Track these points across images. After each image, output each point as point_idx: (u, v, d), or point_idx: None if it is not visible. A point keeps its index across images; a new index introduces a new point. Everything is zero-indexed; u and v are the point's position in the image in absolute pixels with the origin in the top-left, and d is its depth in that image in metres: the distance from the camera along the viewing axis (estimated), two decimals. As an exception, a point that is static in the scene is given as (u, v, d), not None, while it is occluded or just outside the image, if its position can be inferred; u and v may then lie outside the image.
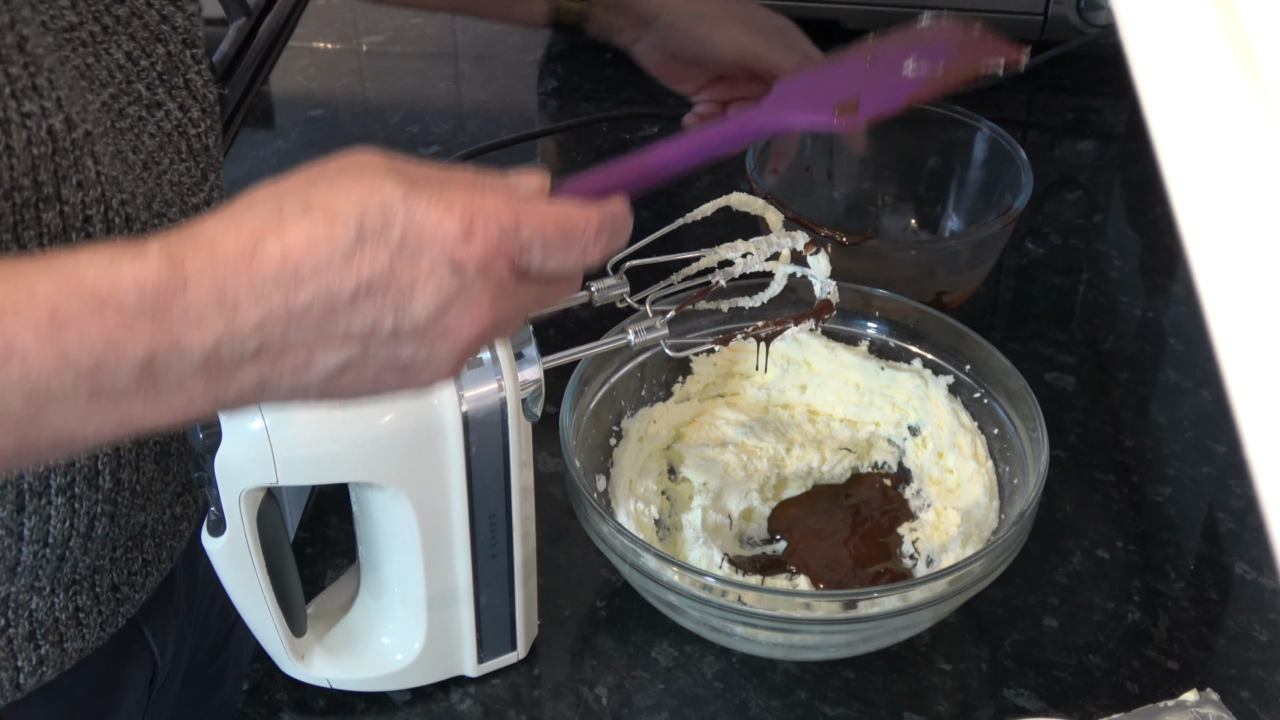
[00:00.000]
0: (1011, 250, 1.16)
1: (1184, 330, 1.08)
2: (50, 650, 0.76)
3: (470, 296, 0.54)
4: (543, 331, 0.81)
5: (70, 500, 0.71)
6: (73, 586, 0.76)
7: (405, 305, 0.53)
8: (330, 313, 0.52)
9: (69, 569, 0.75)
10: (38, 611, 0.75)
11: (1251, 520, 0.91)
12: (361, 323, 0.52)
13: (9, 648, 0.74)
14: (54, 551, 0.72)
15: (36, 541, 0.71)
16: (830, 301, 0.81)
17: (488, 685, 0.80)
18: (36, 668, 0.76)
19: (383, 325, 0.53)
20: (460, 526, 0.72)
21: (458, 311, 0.54)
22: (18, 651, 0.75)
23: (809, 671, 0.81)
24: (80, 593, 0.77)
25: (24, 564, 0.72)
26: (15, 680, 0.75)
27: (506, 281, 0.55)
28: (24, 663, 0.75)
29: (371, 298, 0.52)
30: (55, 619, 0.76)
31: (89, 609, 0.78)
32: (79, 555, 0.74)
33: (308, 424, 0.67)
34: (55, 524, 0.71)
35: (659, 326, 0.76)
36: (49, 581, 0.74)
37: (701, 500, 0.87)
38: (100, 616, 0.79)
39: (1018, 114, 1.37)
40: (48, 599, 0.75)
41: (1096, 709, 0.79)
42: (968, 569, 0.74)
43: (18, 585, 0.73)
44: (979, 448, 0.88)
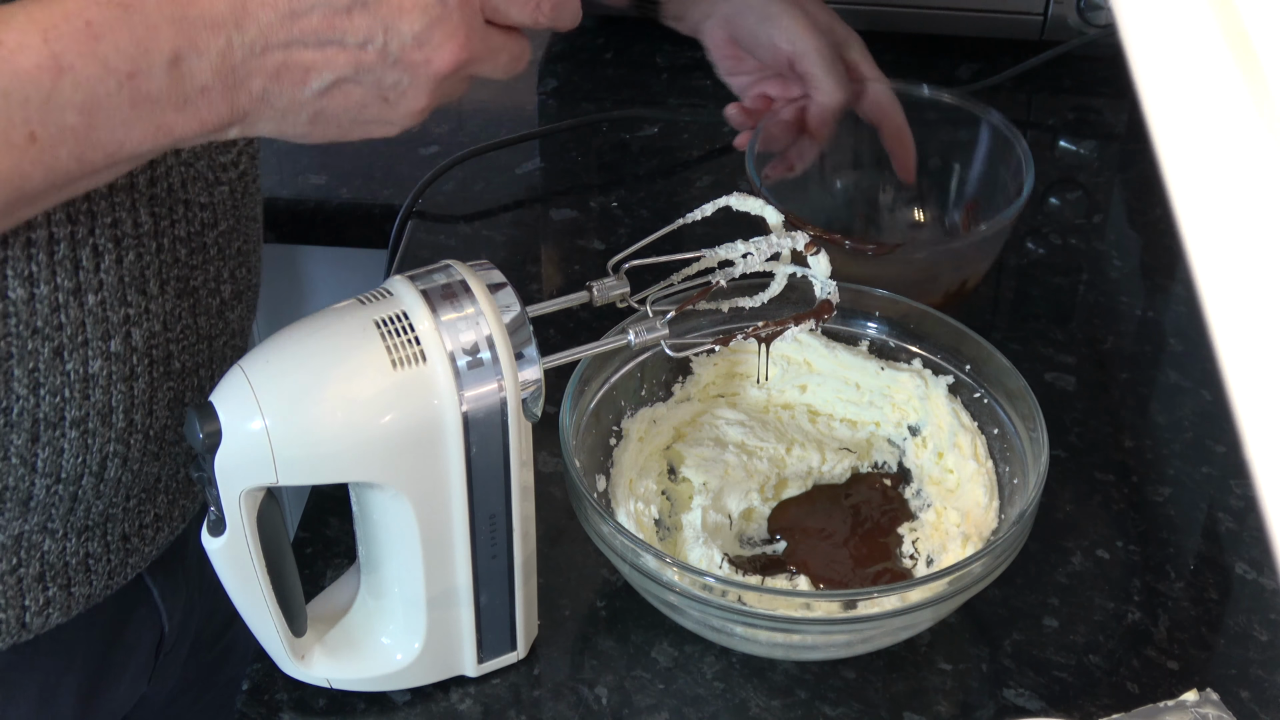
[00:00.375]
0: (1011, 250, 1.16)
1: (1184, 330, 1.08)
2: (58, 593, 0.77)
3: (450, 26, 0.60)
4: (543, 331, 0.81)
5: (84, 435, 0.72)
6: (85, 532, 0.77)
7: (395, 24, 0.59)
8: (328, 20, 0.58)
9: (82, 511, 0.76)
10: (49, 554, 0.76)
11: (1251, 520, 0.91)
12: (355, 36, 0.59)
13: (18, 587, 0.75)
14: (67, 489, 0.73)
15: (49, 475, 0.72)
16: (830, 301, 0.81)
17: (488, 685, 0.80)
18: (43, 609, 0.77)
19: (374, 40, 0.59)
20: (460, 526, 0.72)
21: (439, 39, 0.60)
22: (26, 591, 0.76)
23: (809, 671, 0.81)
24: (92, 539, 0.78)
25: (37, 499, 0.73)
26: (21, 619, 0.76)
27: (476, 21, 0.61)
28: (31, 603, 0.76)
29: (366, 11, 0.58)
30: (65, 563, 0.77)
31: (99, 556, 0.79)
32: (92, 498, 0.75)
33: (308, 424, 0.67)
34: (68, 458, 0.72)
35: (659, 326, 0.76)
36: (62, 524, 0.75)
37: (701, 500, 0.87)
38: (109, 565, 0.80)
39: (1018, 114, 1.37)
40: (59, 542, 0.76)
41: (1096, 709, 0.79)
42: (968, 569, 0.74)
43: (30, 524, 0.74)
44: (979, 448, 0.88)
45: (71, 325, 0.70)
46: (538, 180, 1.25)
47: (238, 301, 0.82)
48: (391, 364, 0.67)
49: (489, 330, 0.69)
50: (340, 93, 0.60)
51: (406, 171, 1.24)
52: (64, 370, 0.70)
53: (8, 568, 0.75)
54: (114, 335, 0.71)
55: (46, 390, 0.70)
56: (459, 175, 1.23)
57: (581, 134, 1.29)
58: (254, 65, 0.58)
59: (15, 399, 0.69)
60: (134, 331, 0.72)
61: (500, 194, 1.22)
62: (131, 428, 0.75)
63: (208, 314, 0.78)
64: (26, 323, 0.68)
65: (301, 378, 0.67)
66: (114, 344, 0.71)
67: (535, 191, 1.24)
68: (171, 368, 0.76)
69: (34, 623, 0.77)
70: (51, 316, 0.69)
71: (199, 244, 0.76)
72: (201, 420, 0.67)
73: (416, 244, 1.17)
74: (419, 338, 0.68)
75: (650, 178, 1.25)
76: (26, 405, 0.70)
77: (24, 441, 0.70)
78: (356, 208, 1.23)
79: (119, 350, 0.72)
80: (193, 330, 0.77)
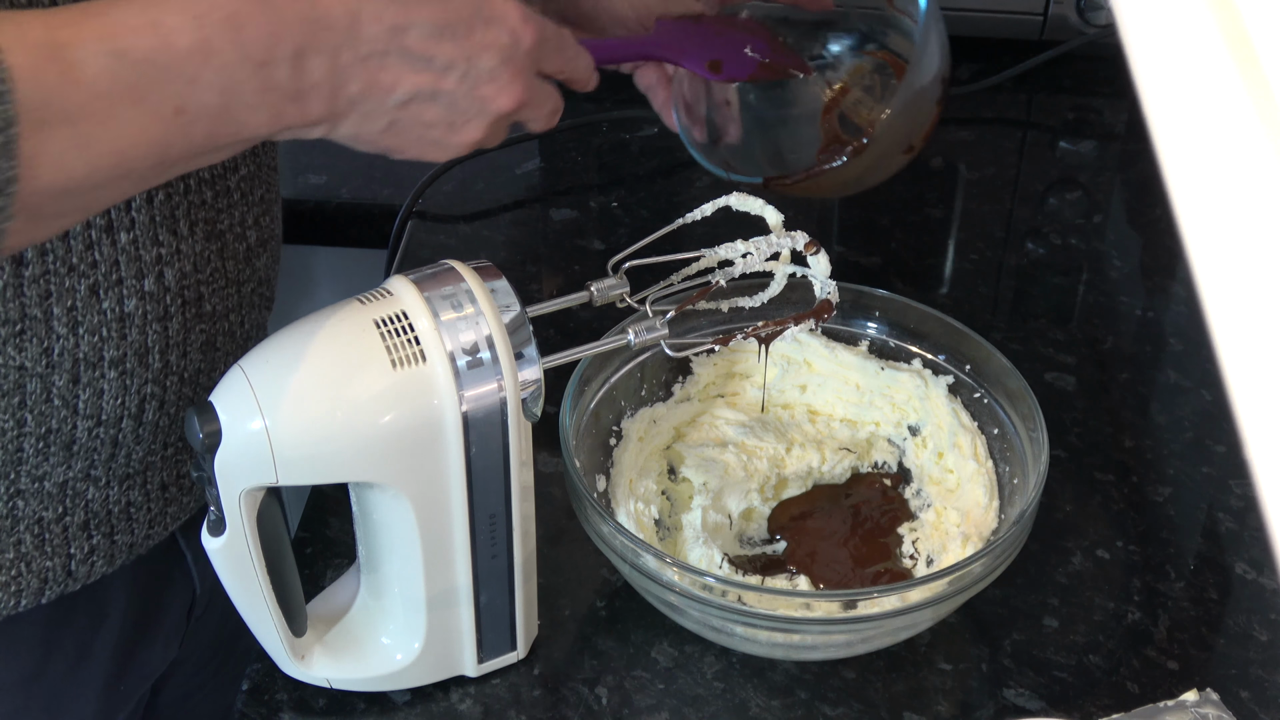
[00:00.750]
0: (1011, 250, 1.16)
1: (1184, 330, 1.08)
2: (101, 541, 0.80)
3: (516, 68, 0.69)
4: (543, 331, 0.81)
5: (122, 376, 0.75)
6: (126, 480, 0.80)
7: (476, 58, 0.67)
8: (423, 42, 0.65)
9: (123, 458, 0.79)
10: (93, 502, 0.79)
11: (1251, 520, 0.91)
12: (442, 60, 0.66)
13: (64, 535, 0.79)
14: (107, 432, 0.76)
15: (90, 417, 0.75)
16: (830, 301, 0.81)
17: (488, 685, 0.80)
18: (88, 557, 0.80)
19: (456, 67, 0.66)
20: (460, 526, 0.72)
21: (507, 79, 0.68)
22: (71, 540, 0.79)
23: (809, 671, 0.81)
24: (133, 487, 0.81)
25: (80, 442, 0.75)
26: (67, 567, 0.79)
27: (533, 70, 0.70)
28: (76, 550, 0.79)
29: (455, 39, 0.66)
30: (109, 511, 0.80)
31: (139, 504, 0.82)
32: (132, 443, 0.78)
33: (308, 424, 0.67)
34: (108, 399, 0.75)
35: (659, 326, 0.76)
36: (104, 471, 0.79)
37: (701, 500, 0.87)
38: (149, 514, 0.83)
39: (1018, 114, 1.37)
40: (102, 490, 0.79)
41: (1096, 709, 0.79)
42: (968, 569, 0.74)
43: (75, 471, 0.77)
44: (979, 448, 0.88)
45: (106, 263, 0.72)
46: (538, 180, 1.25)
47: (263, 249, 0.84)
48: (391, 364, 0.67)
49: (489, 330, 0.69)
50: (417, 108, 0.67)
51: (406, 171, 1.24)
52: (101, 309, 0.73)
53: (54, 516, 0.78)
54: (147, 274, 0.74)
55: (85, 329, 0.72)
56: (459, 175, 1.23)
57: (581, 134, 1.29)
58: (356, 70, 0.64)
59: (56, 338, 0.72)
60: (166, 271, 0.75)
61: (500, 194, 1.23)
62: (167, 369, 0.77)
63: (235, 259, 0.81)
64: (63, 259, 0.70)
65: (301, 378, 0.67)
66: (148, 283, 0.74)
67: (535, 191, 1.24)
68: (203, 310, 0.79)
69: (79, 571, 0.80)
70: (86, 254, 0.71)
71: (223, 187, 0.79)
72: (201, 420, 0.67)
73: (416, 244, 1.17)
74: (419, 338, 0.68)
75: (650, 178, 1.25)
76: (67, 345, 0.72)
77: (65, 383, 0.73)
78: (356, 208, 1.23)
79: (153, 289, 0.75)
80: (221, 274, 0.80)
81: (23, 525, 0.77)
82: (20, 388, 0.72)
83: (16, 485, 0.75)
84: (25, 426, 0.73)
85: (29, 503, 0.76)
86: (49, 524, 0.78)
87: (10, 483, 0.75)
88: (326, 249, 1.25)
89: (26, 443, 0.74)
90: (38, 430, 0.74)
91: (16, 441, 0.74)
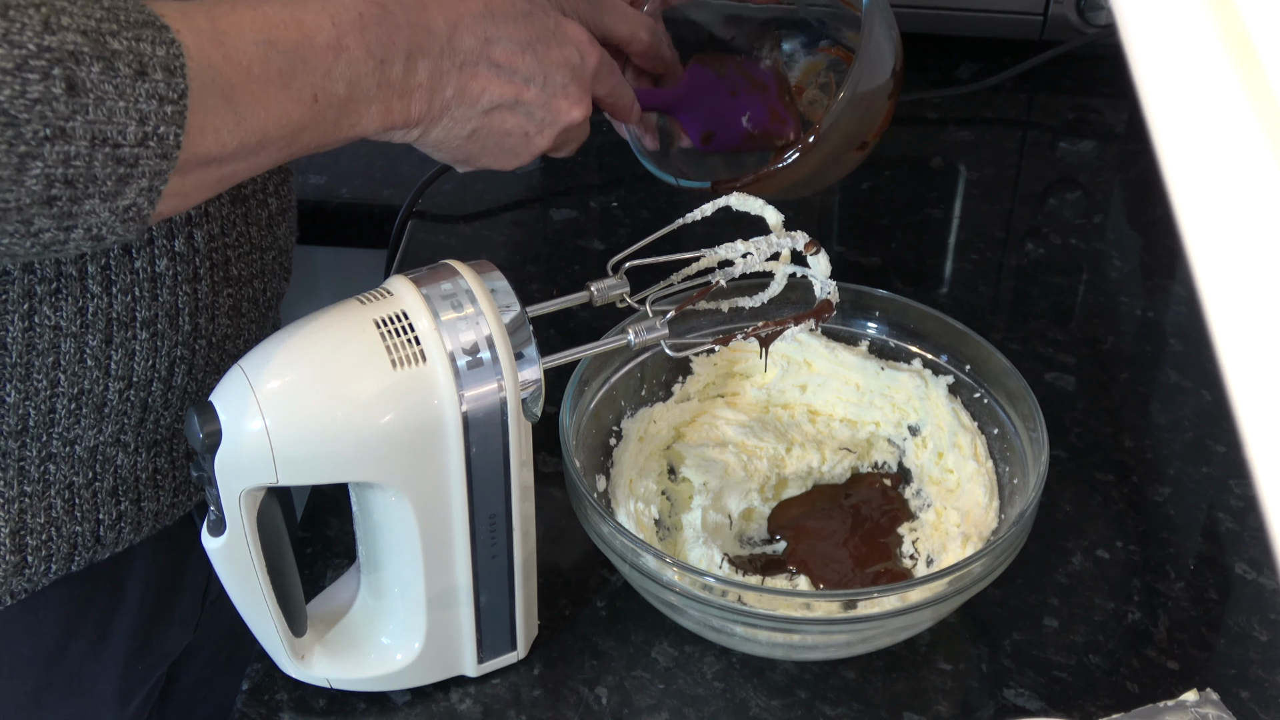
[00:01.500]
0: (1011, 250, 1.16)
1: (1184, 330, 1.08)
2: (129, 508, 0.83)
3: (583, 85, 0.78)
4: (543, 331, 0.81)
5: (153, 337, 0.77)
6: (154, 446, 0.83)
7: (552, 72, 0.76)
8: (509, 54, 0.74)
9: (151, 423, 0.81)
10: (122, 468, 0.81)
11: (1251, 520, 0.91)
12: (524, 72, 0.75)
13: (93, 500, 0.81)
14: (138, 395, 0.78)
15: (122, 379, 0.77)
16: (830, 301, 0.81)
17: (488, 685, 0.80)
18: (115, 523, 0.82)
19: (536, 80, 0.75)
20: (460, 526, 0.72)
21: (577, 93, 0.78)
22: (100, 505, 0.81)
23: (809, 671, 0.81)
24: (160, 454, 0.84)
25: (110, 405, 0.77)
26: (95, 533, 0.81)
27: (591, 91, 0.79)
28: (104, 516, 0.82)
29: (535, 55, 0.75)
30: (136, 477, 0.83)
31: (165, 471, 0.84)
32: (160, 408, 0.81)
33: (308, 424, 0.67)
34: (139, 361, 0.77)
35: (659, 326, 0.76)
36: (133, 437, 0.81)
37: (701, 500, 0.87)
38: (174, 481, 0.85)
39: (1018, 114, 1.37)
40: (131, 456, 0.82)
41: (1096, 709, 0.79)
42: (968, 569, 0.74)
43: (105, 435, 0.79)
44: (979, 448, 0.88)
45: None
46: (538, 180, 1.25)
47: (282, 218, 0.88)
48: (391, 364, 0.67)
49: (489, 330, 0.69)
50: (499, 116, 0.75)
51: (406, 171, 1.24)
52: (134, 268, 0.75)
53: (84, 481, 0.80)
54: (178, 235, 0.77)
55: (119, 289, 0.75)
56: (459, 175, 1.23)
57: (581, 134, 1.29)
58: (452, 75, 0.72)
59: (90, 297, 0.74)
60: (195, 233, 0.78)
61: (500, 194, 1.22)
62: (196, 332, 0.80)
63: (258, 224, 0.84)
64: None
65: (301, 378, 0.67)
66: (178, 243, 0.77)
67: (535, 191, 1.24)
68: (230, 274, 0.82)
69: (107, 537, 0.82)
70: None
71: None
72: (201, 420, 0.67)
73: (416, 244, 1.17)
74: (419, 338, 0.68)
75: (650, 178, 1.25)
76: (100, 304, 0.74)
77: (99, 343, 0.75)
78: (356, 208, 1.23)
79: (183, 250, 0.77)
80: (246, 239, 0.83)
81: (54, 490, 0.78)
82: (55, 348, 0.74)
83: (49, 449, 0.77)
84: (59, 387, 0.75)
85: (60, 467, 0.78)
86: (79, 489, 0.79)
87: (43, 445, 0.76)
88: (326, 249, 1.25)
89: (59, 404, 0.75)
90: (70, 391, 0.75)
91: (50, 403, 0.75)
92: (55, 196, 0.57)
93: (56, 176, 0.57)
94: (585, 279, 0.77)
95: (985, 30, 1.37)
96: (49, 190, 0.57)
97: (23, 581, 0.79)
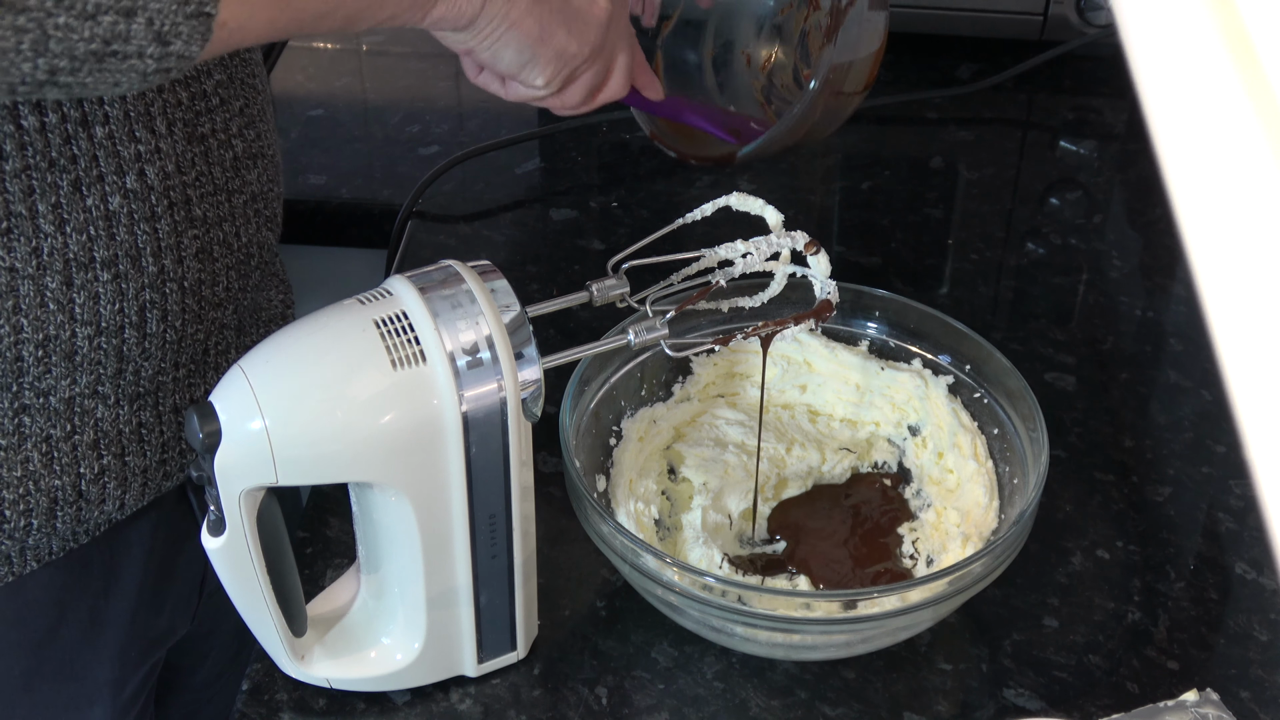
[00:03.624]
0: (1011, 250, 1.16)
1: (1184, 330, 1.08)
2: (112, 461, 0.81)
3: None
4: (543, 331, 0.81)
5: (116, 279, 0.76)
6: (136, 400, 0.81)
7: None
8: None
9: (131, 374, 0.79)
10: (103, 421, 0.80)
11: (1251, 520, 0.91)
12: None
13: (73, 454, 0.79)
14: (109, 342, 0.77)
15: (89, 324, 0.75)
16: (830, 301, 0.81)
17: (488, 685, 0.80)
18: (98, 477, 0.80)
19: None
20: (460, 526, 0.72)
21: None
22: (81, 459, 0.79)
23: (809, 671, 0.81)
24: (144, 408, 0.82)
25: (81, 353, 0.76)
26: (77, 487, 0.80)
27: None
28: (85, 470, 0.80)
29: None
30: (119, 430, 0.81)
31: (151, 425, 0.83)
32: (139, 358, 0.79)
33: (308, 424, 0.67)
34: (105, 304, 0.76)
35: (659, 326, 0.76)
36: (112, 388, 0.79)
37: (701, 500, 0.87)
38: (162, 437, 0.84)
39: (1018, 114, 1.38)
40: (112, 409, 0.80)
41: (1096, 709, 0.79)
42: (968, 569, 0.74)
43: (81, 386, 0.77)
44: (979, 448, 0.88)
45: (85, 157, 0.73)
46: (538, 180, 1.25)
47: (252, 163, 0.85)
48: (391, 364, 0.67)
49: (489, 330, 0.69)
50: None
51: (406, 171, 1.24)
52: (85, 205, 0.73)
53: (62, 434, 0.78)
54: (128, 171, 0.75)
55: (72, 227, 0.73)
56: (459, 175, 1.23)
57: (581, 134, 1.29)
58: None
59: (44, 237, 0.72)
60: (147, 169, 0.76)
61: (500, 194, 1.22)
62: (163, 274, 0.78)
63: (222, 165, 0.82)
64: (42, 153, 0.71)
65: (301, 378, 0.67)
66: (129, 180, 0.75)
67: (535, 191, 1.24)
68: (193, 214, 0.80)
69: (90, 491, 0.80)
70: (64, 148, 0.72)
71: (198, 90, 0.80)
72: (201, 420, 0.67)
73: (416, 244, 1.17)
74: (419, 338, 0.68)
75: (650, 178, 1.25)
76: (55, 244, 0.73)
77: (58, 285, 0.74)
78: (356, 208, 1.23)
79: (135, 187, 0.75)
80: (209, 179, 0.81)
81: (30, 443, 0.77)
82: (13, 290, 0.73)
83: (21, 400, 0.76)
84: (22, 333, 0.74)
85: (35, 419, 0.77)
86: (57, 442, 0.78)
87: (14, 396, 0.76)
88: (326, 249, 1.25)
89: (25, 350, 0.74)
90: (35, 337, 0.74)
91: (15, 349, 0.74)
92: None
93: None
94: (585, 279, 0.77)
95: (985, 30, 1.37)
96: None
97: (3, 538, 0.78)
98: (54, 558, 0.82)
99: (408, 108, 1.34)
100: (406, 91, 1.37)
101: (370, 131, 1.32)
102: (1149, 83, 0.32)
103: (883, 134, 1.33)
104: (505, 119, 1.32)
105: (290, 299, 1.00)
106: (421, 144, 1.28)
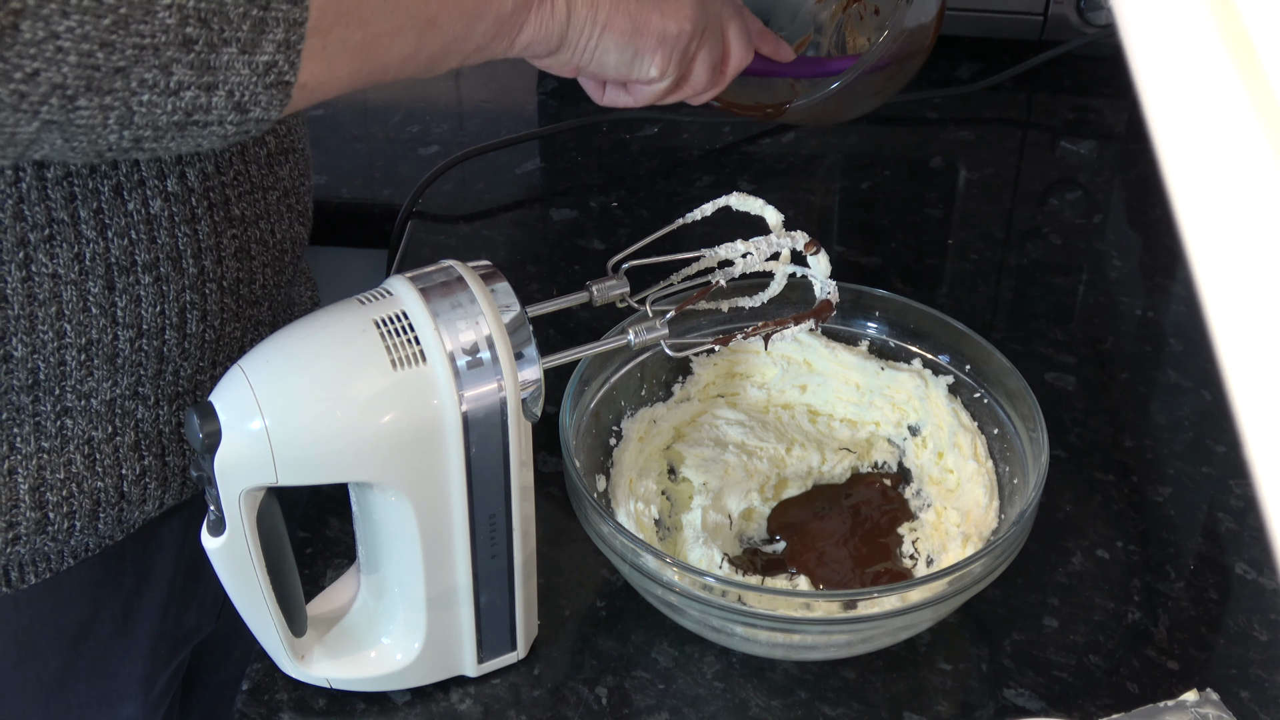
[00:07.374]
0: (1011, 250, 1.16)
1: (1184, 330, 1.08)
2: (153, 462, 0.82)
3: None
4: (543, 331, 0.81)
5: (157, 281, 0.76)
6: (175, 399, 0.82)
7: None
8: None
9: (170, 374, 0.80)
10: (143, 422, 0.80)
11: (1251, 520, 0.91)
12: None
13: (115, 455, 0.80)
14: (150, 343, 0.77)
15: (131, 326, 0.76)
16: (830, 301, 0.81)
17: (488, 685, 0.80)
18: (140, 478, 0.81)
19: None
20: (460, 526, 0.72)
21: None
22: (123, 460, 0.80)
23: (809, 671, 0.81)
24: (183, 407, 0.82)
25: (123, 355, 0.76)
26: (119, 488, 0.80)
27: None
28: (127, 471, 0.80)
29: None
30: (159, 431, 0.82)
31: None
32: (178, 358, 0.79)
33: (308, 424, 0.67)
34: (146, 307, 0.76)
35: (659, 326, 0.76)
36: (152, 389, 0.80)
37: (701, 500, 0.87)
38: None
39: (1018, 114, 1.37)
40: (152, 410, 0.80)
41: (1096, 709, 0.79)
42: (968, 569, 0.74)
43: (122, 388, 0.78)
44: (979, 448, 0.88)
45: (126, 163, 0.73)
46: (538, 180, 1.26)
47: (284, 158, 0.85)
48: (391, 364, 0.67)
49: (489, 330, 0.69)
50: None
51: (406, 171, 1.24)
52: (127, 210, 0.74)
53: (104, 436, 0.79)
54: (169, 174, 0.75)
55: (114, 232, 0.73)
56: (459, 175, 1.24)
57: (581, 134, 1.29)
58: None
59: (85, 242, 0.73)
60: (188, 171, 0.76)
61: (500, 194, 1.23)
62: (203, 275, 0.78)
63: (257, 163, 0.82)
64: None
65: (301, 378, 0.67)
66: (170, 183, 0.75)
67: (535, 191, 1.24)
68: (231, 214, 0.80)
69: (132, 492, 0.81)
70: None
71: None
72: (201, 420, 0.67)
73: (416, 244, 1.17)
74: (419, 338, 0.68)
75: (650, 178, 1.25)
76: (97, 249, 0.73)
77: (100, 289, 0.74)
78: (356, 208, 1.23)
79: (176, 190, 0.76)
80: (245, 178, 0.81)
81: (73, 445, 0.78)
82: (56, 296, 0.73)
83: (63, 403, 0.76)
84: (66, 338, 0.74)
85: (77, 422, 0.77)
86: (99, 444, 0.79)
87: (56, 399, 0.76)
88: (326, 249, 1.25)
89: (69, 355, 0.74)
90: (78, 341, 0.74)
91: (58, 354, 0.74)
92: (191, 38, 0.56)
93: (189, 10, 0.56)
94: (585, 279, 0.77)
95: (985, 30, 1.37)
96: (184, 26, 0.56)
97: (47, 540, 0.78)
98: (90, 554, 0.82)
99: (408, 108, 1.34)
100: (406, 91, 1.37)
101: (370, 131, 1.32)
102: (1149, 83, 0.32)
103: (883, 134, 1.33)
104: (505, 119, 1.32)
105: (316, 295, 1.00)
106: (421, 144, 1.28)
